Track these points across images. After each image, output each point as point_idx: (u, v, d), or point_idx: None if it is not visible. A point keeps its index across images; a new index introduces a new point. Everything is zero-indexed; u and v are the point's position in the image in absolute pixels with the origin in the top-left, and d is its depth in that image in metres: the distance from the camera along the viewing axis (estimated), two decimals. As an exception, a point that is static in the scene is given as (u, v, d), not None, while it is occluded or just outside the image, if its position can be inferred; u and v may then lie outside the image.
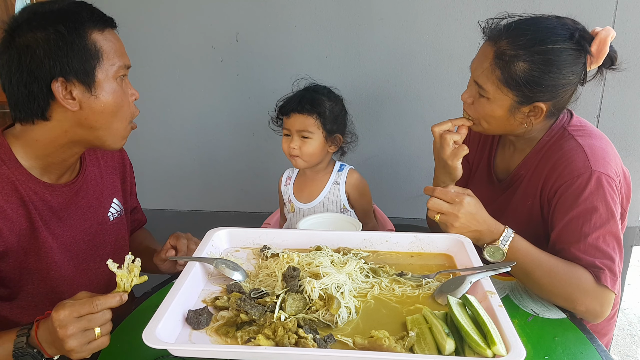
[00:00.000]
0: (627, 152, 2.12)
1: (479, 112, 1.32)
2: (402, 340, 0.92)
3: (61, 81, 1.07)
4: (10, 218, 1.13)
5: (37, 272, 1.21)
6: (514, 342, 0.85)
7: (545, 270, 1.21)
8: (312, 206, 1.76)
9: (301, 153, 1.66)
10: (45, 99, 1.08)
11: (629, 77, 2.02)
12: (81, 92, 1.09)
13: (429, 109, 2.17)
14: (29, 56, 1.05)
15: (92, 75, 1.09)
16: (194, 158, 2.41)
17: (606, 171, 1.23)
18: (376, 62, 2.14)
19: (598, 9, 1.96)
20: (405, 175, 2.29)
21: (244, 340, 0.93)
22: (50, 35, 1.05)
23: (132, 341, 0.98)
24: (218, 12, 2.15)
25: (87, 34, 1.08)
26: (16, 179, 1.14)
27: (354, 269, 1.14)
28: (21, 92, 1.07)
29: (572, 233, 1.24)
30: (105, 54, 1.11)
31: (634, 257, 2.61)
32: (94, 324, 0.92)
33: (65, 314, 0.90)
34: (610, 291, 1.21)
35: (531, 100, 1.25)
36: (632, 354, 2.59)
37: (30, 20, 1.06)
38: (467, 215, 1.21)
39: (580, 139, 1.30)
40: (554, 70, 1.21)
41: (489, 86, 1.26)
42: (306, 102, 1.64)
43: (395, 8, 2.06)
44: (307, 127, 1.64)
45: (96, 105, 1.11)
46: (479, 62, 1.29)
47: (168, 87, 2.27)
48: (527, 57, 1.21)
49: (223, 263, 1.14)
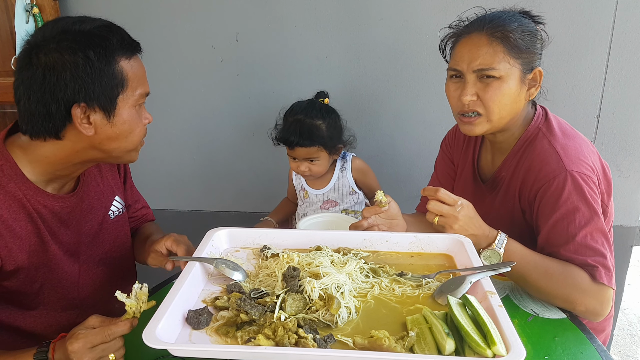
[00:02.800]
0: (627, 152, 2.12)
1: (493, 98, 1.28)
2: (402, 340, 0.92)
3: (82, 106, 1.06)
4: (19, 236, 1.12)
5: (48, 282, 1.21)
6: (514, 342, 0.85)
7: (541, 272, 1.22)
8: (325, 191, 1.92)
9: (312, 172, 1.84)
10: (62, 120, 1.06)
11: (629, 77, 2.02)
12: (100, 118, 1.08)
13: (429, 109, 2.17)
14: (54, 77, 1.03)
15: (114, 102, 1.09)
16: (193, 158, 2.41)
17: (581, 169, 1.24)
18: (376, 62, 2.14)
19: (598, 9, 1.96)
20: (405, 175, 2.29)
21: (244, 340, 0.93)
22: (79, 60, 1.03)
23: (132, 341, 0.98)
24: (218, 12, 2.15)
25: (116, 61, 1.07)
26: (23, 195, 1.12)
27: (354, 269, 1.14)
28: (38, 110, 1.05)
29: (559, 236, 1.24)
30: (130, 81, 1.10)
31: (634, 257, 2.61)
32: (107, 352, 0.95)
33: (80, 346, 0.92)
34: (607, 288, 1.21)
35: (531, 65, 1.29)
36: (632, 354, 2.59)
37: (60, 40, 1.03)
38: (466, 218, 1.22)
39: (553, 139, 1.31)
40: (536, 33, 1.30)
41: (498, 63, 1.26)
42: (305, 137, 1.74)
43: (395, 8, 2.06)
44: (312, 154, 1.79)
45: (112, 131, 1.10)
46: (473, 51, 1.28)
47: (168, 87, 2.27)
48: (513, 27, 1.27)
49: (223, 263, 1.14)
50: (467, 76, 1.29)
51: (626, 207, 2.17)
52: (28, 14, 2.18)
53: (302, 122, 1.76)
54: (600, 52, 2.00)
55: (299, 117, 1.77)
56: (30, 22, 2.20)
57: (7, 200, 1.10)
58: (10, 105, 2.42)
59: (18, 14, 2.18)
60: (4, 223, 1.09)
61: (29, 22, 2.20)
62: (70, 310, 1.28)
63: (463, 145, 1.58)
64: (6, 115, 2.47)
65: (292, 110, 1.83)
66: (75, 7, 2.23)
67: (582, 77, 2.04)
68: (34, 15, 2.19)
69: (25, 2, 2.17)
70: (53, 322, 1.26)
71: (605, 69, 2.02)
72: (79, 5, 2.22)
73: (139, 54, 1.15)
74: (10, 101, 2.39)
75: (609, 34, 1.98)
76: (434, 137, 2.15)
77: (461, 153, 1.59)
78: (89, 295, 1.31)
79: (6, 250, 1.10)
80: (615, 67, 2.02)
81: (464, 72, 1.29)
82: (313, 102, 1.85)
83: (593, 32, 1.97)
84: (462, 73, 1.30)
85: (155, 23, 2.18)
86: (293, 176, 2.02)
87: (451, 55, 1.36)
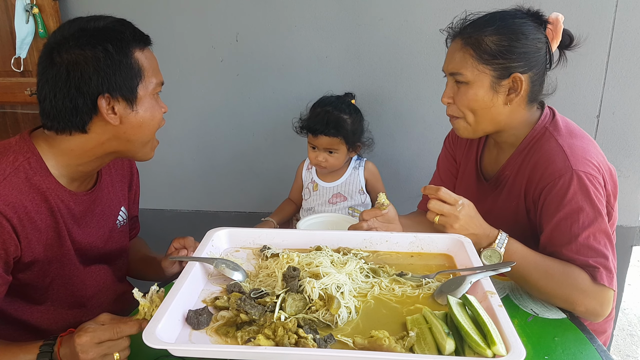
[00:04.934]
0: (627, 152, 2.12)
1: (462, 102, 1.31)
2: (402, 340, 0.92)
3: (107, 97, 1.11)
4: (39, 228, 1.14)
5: (59, 278, 1.24)
6: (514, 342, 0.85)
7: (542, 272, 1.22)
8: (336, 185, 1.99)
9: (328, 164, 1.91)
10: (89, 113, 1.12)
11: (629, 77, 2.02)
12: (123, 108, 1.13)
13: (429, 109, 2.17)
14: (78, 72, 1.08)
15: (135, 92, 1.14)
16: (194, 158, 2.41)
17: (587, 169, 1.24)
18: (376, 62, 2.14)
19: (598, 9, 1.96)
20: (405, 175, 2.29)
21: (244, 340, 0.93)
22: (99, 53, 1.08)
23: (132, 341, 0.98)
24: (218, 12, 2.15)
25: (132, 52, 1.13)
26: (46, 188, 1.15)
27: (354, 269, 1.14)
28: (66, 106, 1.10)
29: (561, 235, 1.24)
30: (146, 71, 1.16)
31: (634, 257, 2.61)
32: (113, 350, 0.96)
33: (87, 340, 0.94)
34: (608, 289, 1.21)
35: (508, 71, 1.27)
36: (632, 354, 2.59)
37: (79, 37, 1.09)
38: (466, 217, 1.22)
39: (560, 138, 1.31)
40: (520, 36, 1.26)
41: (465, 69, 1.28)
42: (332, 126, 1.84)
43: (395, 8, 2.06)
44: (333, 145, 1.88)
45: (135, 120, 1.15)
46: (449, 57, 1.33)
47: (168, 87, 2.24)
48: (493, 30, 1.26)
49: (223, 263, 1.14)
50: (448, 78, 1.34)
51: (626, 207, 2.17)
52: (28, 14, 2.19)
53: (330, 113, 1.86)
54: (600, 52, 2.00)
55: (327, 109, 1.87)
56: (30, 22, 2.20)
57: (31, 193, 1.12)
58: (10, 105, 2.42)
59: (18, 14, 2.18)
60: (27, 215, 1.11)
61: (29, 22, 2.20)
62: (76, 308, 1.30)
63: (467, 143, 1.58)
64: (6, 115, 2.47)
65: (320, 102, 1.93)
66: (75, 8, 2.23)
67: (582, 77, 2.05)
68: (34, 15, 2.19)
69: (25, 2, 2.17)
70: (59, 319, 1.28)
71: (605, 69, 2.02)
72: (79, 6, 2.22)
73: (149, 46, 1.21)
74: (10, 101, 2.41)
75: (609, 34, 1.98)
76: (434, 137, 2.15)
77: (464, 151, 1.59)
78: (94, 294, 1.33)
79: (26, 241, 1.13)
80: (615, 67, 2.02)
81: (447, 75, 1.35)
82: (342, 98, 1.96)
83: (593, 32, 1.97)
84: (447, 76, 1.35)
85: (155, 23, 2.17)
86: (303, 170, 2.06)
87: None
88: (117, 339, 0.96)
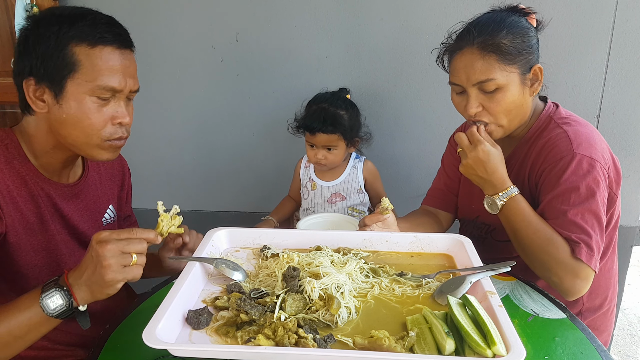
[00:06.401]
0: (627, 152, 2.12)
1: (499, 107, 1.31)
2: (402, 340, 0.92)
3: (33, 81, 1.09)
4: (21, 210, 1.14)
5: (47, 267, 1.22)
6: (514, 342, 0.85)
7: (531, 231, 1.26)
8: (335, 184, 1.97)
9: (327, 162, 1.89)
10: (22, 94, 1.12)
11: (629, 77, 2.02)
12: (50, 98, 1.11)
13: (429, 109, 2.17)
14: (17, 52, 1.10)
15: (60, 84, 1.09)
16: (193, 158, 2.41)
17: (589, 154, 1.27)
18: (376, 62, 2.14)
19: (598, 9, 1.95)
20: (405, 175, 2.29)
21: (244, 340, 0.93)
22: (33, 36, 1.08)
23: (132, 341, 0.98)
24: (218, 12, 2.15)
25: (70, 44, 1.07)
26: (26, 173, 1.16)
27: (354, 269, 1.14)
28: (16, 82, 1.14)
29: (551, 210, 1.28)
30: (84, 68, 1.08)
31: (634, 257, 2.61)
32: (131, 248, 0.95)
33: (106, 235, 0.94)
34: (586, 266, 1.22)
35: (529, 64, 1.31)
36: (632, 354, 2.59)
37: (39, 19, 1.10)
38: (475, 159, 1.28)
39: (566, 126, 1.35)
40: (526, 31, 1.31)
41: (495, 74, 1.28)
42: (329, 123, 1.82)
43: (395, 8, 2.06)
44: (331, 142, 1.85)
45: (59, 114, 1.11)
46: (468, 67, 1.30)
47: (168, 87, 2.27)
48: (504, 33, 1.28)
49: (223, 263, 1.14)
50: (469, 90, 1.32)
51: (626, 207, 2.16)
52: (28, 14, 2.18)
53: (326, 110, 1.84)
54: (600, 52, 2.00)
55: (323, 105, 1.86)
56: (30, 22, 2.20)
57: (12, 175, 1.13)
58: (10, 105, 2.42)
59: (18, 14, 2.18)
60: (9, 193, 1.12)
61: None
62: None
63: None
64: (6, 115, 2.47)
65: (316, 99, 1.91)
66: (75, 7, 2.23)
67: (582, 77, 2.04)
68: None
69: (25, 2, 2.17)
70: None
71: (605, 69, 2.02)
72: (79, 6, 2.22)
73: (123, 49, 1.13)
74: (10, 101, 2.40)
75: (609, 34, 1.98)
76: (434, 137, 2.15)
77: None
78: None
79: (10, 219, 1.12)
80: (615, 67, 2.02)
81: (465, 87, 1.32)
82: (337, 93, 1.94)
83: (593, 32, 1.97)
84: (463, 88, 1.33)
85: (155, 23, 2.17)
86: (301, 169, 2.04)
87: (450, 70, 1.38)
88: (135, 238, 0.95)
